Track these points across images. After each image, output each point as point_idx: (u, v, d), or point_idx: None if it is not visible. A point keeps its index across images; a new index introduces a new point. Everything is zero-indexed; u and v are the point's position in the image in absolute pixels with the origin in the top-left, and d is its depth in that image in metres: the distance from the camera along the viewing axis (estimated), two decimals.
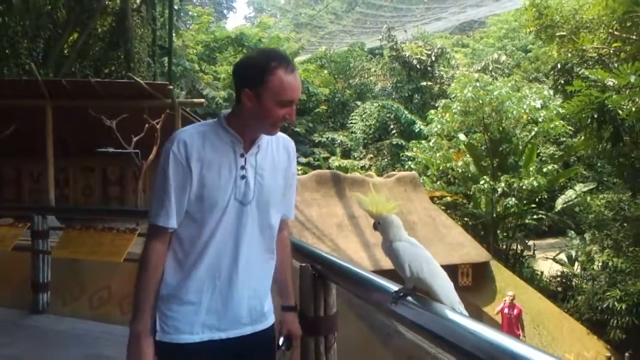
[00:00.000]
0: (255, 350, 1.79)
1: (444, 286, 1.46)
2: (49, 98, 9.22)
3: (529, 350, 1.13)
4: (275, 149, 1.78)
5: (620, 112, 10.23)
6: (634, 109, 9.99)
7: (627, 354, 11.39)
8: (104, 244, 4.56)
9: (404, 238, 1.50)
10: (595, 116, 10.08)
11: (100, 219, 5.92)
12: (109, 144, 9.38)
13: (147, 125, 9.04)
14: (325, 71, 27.32)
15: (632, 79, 9.00)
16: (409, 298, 1.51)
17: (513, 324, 10.54)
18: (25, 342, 4.38)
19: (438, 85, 23.29)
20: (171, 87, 9.92)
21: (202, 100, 11.76)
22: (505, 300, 10.75)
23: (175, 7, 19.11)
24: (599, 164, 19.52)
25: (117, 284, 4.76)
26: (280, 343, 1.88)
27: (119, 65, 14.54)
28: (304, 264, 2.19)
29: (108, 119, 8.81)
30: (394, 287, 1.60)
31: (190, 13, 31.83)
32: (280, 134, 1.78)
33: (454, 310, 1.41)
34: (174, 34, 18.07)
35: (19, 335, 4.52)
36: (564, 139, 18.57)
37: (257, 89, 1.61)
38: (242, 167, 1.69)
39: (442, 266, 1.51)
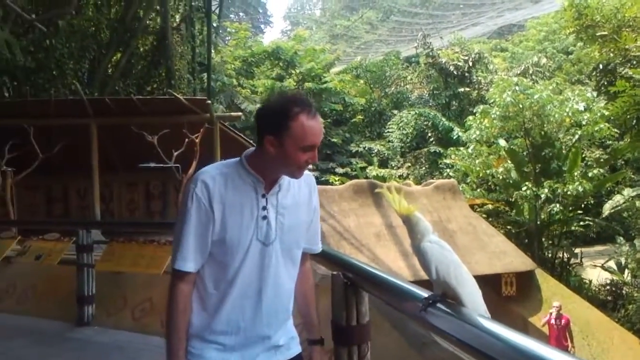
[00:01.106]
0: None
1: (470, 292, 1.43)
2: (94, 116, 9.58)
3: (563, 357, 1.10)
4: (297, 186, 1.77)
5: None
6: None
7: None
8: (145, 257, 4.66)
9: (433, 240, 1.48)
10: None
11: (142, 232, 6.08)
12: (151, 159, 9.65)
13: (186, 140, 9.26)
14: (361, 81, 27.35)
15: None
16: (439, 305, 1.49)
17: (561, 336, 10.17)
18: (71, 353, 4.52)
19: (476, 91, 22.95)
20: (209, 101, 10.14)
21: (239, 114, 11.95)
22: (551, 313, 10.38)
23: (214, 24, 19.50)
24: None
25: (158, 296, 4.85)
26: None
27: (160, 82, 14.98)
28: (335, 272, 2.18)
29: (150, 134, 9.07)
30: (425, 294, 1.58)
31: (228, 29, 32.46)
32: None
33: (485, 317, 1.38)
34: (212, 51, 18.48)
35: (65, 347, 4.66)
36: (610, 142, 17.94)
37: (279, 135, 1.60)
38: (264, 208, 1.69)
39: (485, 275, 1.49)
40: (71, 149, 9.71)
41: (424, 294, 1.59)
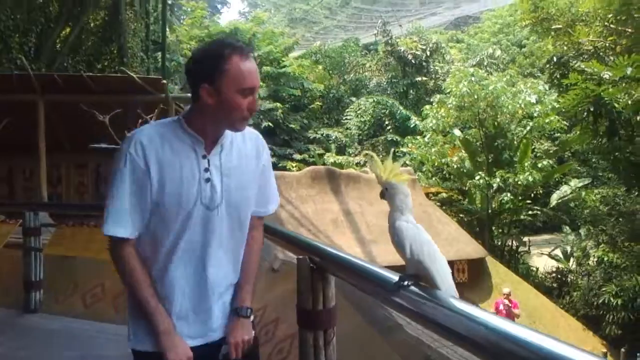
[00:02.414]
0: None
1: (442, 272, 1.42)
2: (41, 93, 9.12)
3: (534, 335, 1.09)
4: (242, 145, 1.66)
5: (616, 105, 10.23)
6: (630, 101, 9.97)
7: (622, 350, 11.41)
8: (96, 241, 4.47)
9: (410, 220, 1.46)
10: (591, 109, 10.08)
11: (92, 215, 5.84)
12: (102, 139, 9.29)
13: (140, 120, 8.95)
14: (320, 67, 27.21)
15: (628, 71, 8.99)
16: (411, 287, 1.46)
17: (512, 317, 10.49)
18: (17, 341, 4.30)
19: (433, 81, 23.29)
20: (164, 81, 9.83)
21: None
22: (502, 301, 10.65)
23: (169, 2, 18.92)
24: (593, 160, 19.58)
25: (111, 281, 4.66)
26: (222, 351, 1.69)
27: (112, 60, 14.41)
28: (301, 257, 2.13)
29: (101, 114, 8.72)
30: (394, 277, 1.55)
31: (183, 8, 31.56)
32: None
33: (457, 298, 1.36)
34: (167, 29, 17.90)
35: (12, 335, 4.43)
36: (559, 134, 18.59)
37: (215, 81, 1.49)
38: (206, 170, 1.58)
39: None
40: (16, 126, 9.22)
41: (394, 276, 1.56)
